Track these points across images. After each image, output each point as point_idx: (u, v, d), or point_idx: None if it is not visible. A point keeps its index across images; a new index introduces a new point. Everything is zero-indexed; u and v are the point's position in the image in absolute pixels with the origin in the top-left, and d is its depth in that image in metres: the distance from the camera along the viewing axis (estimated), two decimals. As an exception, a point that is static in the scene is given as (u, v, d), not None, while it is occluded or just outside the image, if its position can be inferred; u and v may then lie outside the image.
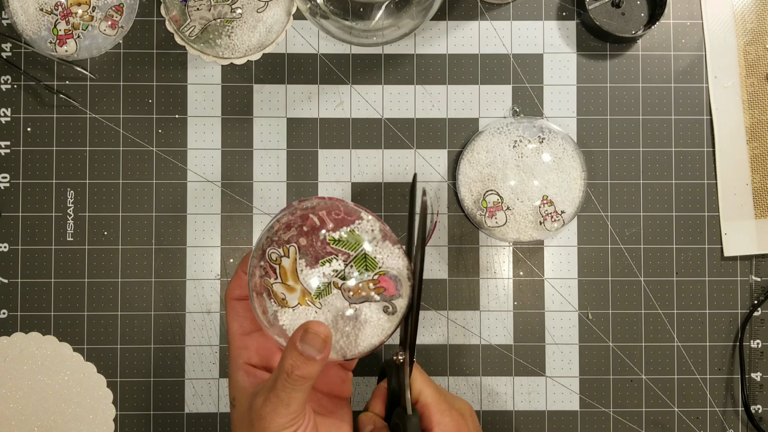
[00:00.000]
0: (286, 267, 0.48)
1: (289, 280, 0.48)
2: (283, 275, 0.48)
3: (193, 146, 0.64)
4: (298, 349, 0.44)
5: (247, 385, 0.48)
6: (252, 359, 0.50)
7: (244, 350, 0.50)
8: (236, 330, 0.50)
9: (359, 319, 0.48)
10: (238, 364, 0.49)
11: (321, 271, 0.47)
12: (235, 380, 0.49)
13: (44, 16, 0.61)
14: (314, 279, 0.47)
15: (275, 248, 0.48)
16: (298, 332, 0.45)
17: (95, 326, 0.63)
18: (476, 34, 0.64)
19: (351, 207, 0.49)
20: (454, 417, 0.50)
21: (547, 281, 0.64)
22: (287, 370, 0.44)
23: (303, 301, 0.48)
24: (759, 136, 0.64)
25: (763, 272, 0.64)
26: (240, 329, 0.50)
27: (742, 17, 0.64)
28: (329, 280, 0.48)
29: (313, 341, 0.45)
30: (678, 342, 0.63)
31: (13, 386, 0.62)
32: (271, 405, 0.45)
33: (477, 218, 0.62)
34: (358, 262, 0.48)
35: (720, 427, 0.63)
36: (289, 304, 0.48)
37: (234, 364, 0.50)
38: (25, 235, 0.63)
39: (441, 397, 0.50)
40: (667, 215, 0.64)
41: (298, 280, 0.48)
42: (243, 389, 0.48)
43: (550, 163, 0.62)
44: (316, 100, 0.64)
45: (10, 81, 0.64)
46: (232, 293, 0.51)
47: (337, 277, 0.48)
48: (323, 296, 0.48)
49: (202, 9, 0.60)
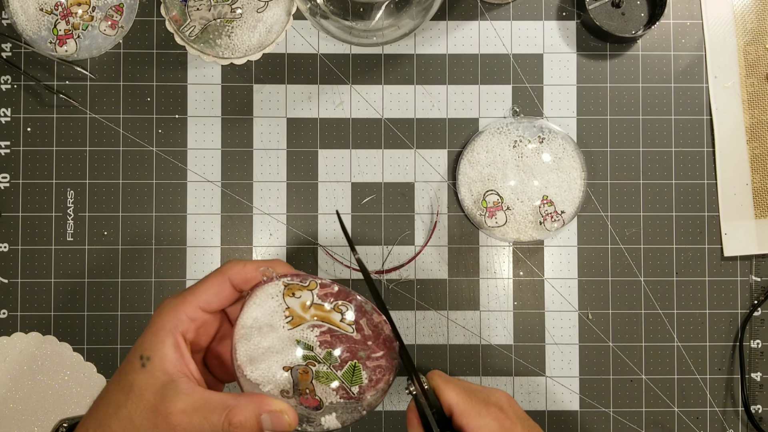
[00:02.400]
0: (301, 304, 0.47)
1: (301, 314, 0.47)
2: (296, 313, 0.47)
3: (193, 146, 0.64)
4: (259, 417, 0.42)
5: (171, 357, 0.44)
6: (189, 334, 0.45)
7: (189, 321, 0.45)
8: (201, 301, 0.46)
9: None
10: (174, 329, 0.44)
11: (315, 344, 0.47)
12: (161, 341, 0.44)
13: (44, 16, 0.61)
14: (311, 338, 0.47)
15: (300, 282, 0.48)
16: (270, 404, 0.43)
17: (95, 326, 0.63)
18: (476, 34, 0.64)
19: None
20: (493, 413, 0.47)
21: (547, 281, 0.64)
22: (232, 422, 0.42)
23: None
24: (759, 136, 0.64)
25: (763, 272, 0.64)
26: (205, 304, 0.46)
27: (742, 17, 0.64)
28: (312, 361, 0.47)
29: (280, 425, 0.43)
30: (678, 342, 0.63)
31: (13, 386, 0.62)
32: (189, 424, 0.42)
33: (477, 218, 0.62)
34: (347, 374, 0.48)
35: (720, 427, 0.63)
36: None
37: (168, 323, 0.45)
38: (25, 235, 0.63)
39: (473, 398, 0.47)
40: (667, 215, 0.64)
41: None
42: (165, 357, 0.44)
43: (550, 163, 0.62)
44: (316, 100, 0.64)
45: (10, 81, 0.64)
46: (234, 275, 0.46)
47: (322, 364, 0.47)
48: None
49: (202, 9, 0.60)
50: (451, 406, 0.47)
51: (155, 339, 0.44)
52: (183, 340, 0.45)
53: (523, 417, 0.49)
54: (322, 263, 0.63)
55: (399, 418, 0.62)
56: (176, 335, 0.44)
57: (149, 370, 0.43)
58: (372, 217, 0.63)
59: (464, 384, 0.48)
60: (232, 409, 0.42)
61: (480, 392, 0.48)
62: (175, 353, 0.44)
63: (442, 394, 0.47)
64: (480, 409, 0.47)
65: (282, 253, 0.63)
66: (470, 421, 0.46)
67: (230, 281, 0.46)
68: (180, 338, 0.45)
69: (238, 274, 0.46)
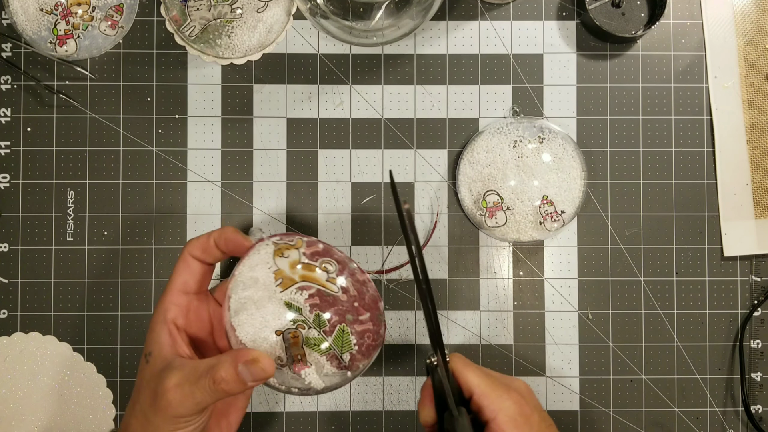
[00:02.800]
0: (292, 260, 0.49)
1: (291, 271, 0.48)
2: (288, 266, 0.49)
3: (193, 146, 0.64)
4: (237, 369, 0.44)
5: (167, 344, 0.47)
6: (179, 319, 0.48)
7: (175, 306, 0.48)
8: (178, 284, 0.49)
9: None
10: (165, 318, 0.48)
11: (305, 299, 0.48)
12: (157, 334, 0.47)
13: (44, 16, 0.61)
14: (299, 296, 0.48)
15: (286, 240, 0.49)
16: (246, 354, 0.45)
17: (95, 326, 0.63)
18: (476, 34, 0.64)
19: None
20: (514, 398, 0.47)
21: (547, 281, 0.64)
22: (215, 379, 0.44)
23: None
24: (759, 136, 0.64)
25: (763, 272, 0.64)
26: (182, 285, 0.49)
27: (742, 17, 0.64)
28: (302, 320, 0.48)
29: (255, 373, 0.44)
30: (678, 342, 0.63)
31: (13, 386, 0.62)
32: (182, 395, 0.44)
33: (477, 218, 0.62)
34: (337, 339, 0.48)
35: (720, 427, 0.63)
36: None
37: (159, 316, 0.48)
38: (25, 235, 0.63)
39: (495, 382, 0.48)
40: (667, 215, 0.64)
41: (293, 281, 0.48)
42: (161, 346, 0.47)
43: (550, 163, 0.62)
44: (316, 100, 0.64)
45: (10, 81, 0.64)
46: (193, 250, 0.49)
47: (312, 326, 0.48)
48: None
49: (202, 9, 0.60)
50: (471, 387, 0.47)
51: (152, 335, 0.48)
52: (174, 326, 0.48)
53: (539, 407, 0.49)
54: (322, 263, 0.63)
55: (399, 418, 0.62)
56: (167, 324, 0.48)
57: (151, 363, 0.47)
58: (372, 217, 0.63)
59: (485, 369, 0.49)
60: (214, 366, 0.44)
61: (501, 377, 0.49)
62: (169, 339, 0.47)
63: (463, 375, 0.48)
64: (501, 392, 0.47)
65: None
66: (491, 402, 0.47)
67: (193, 257, 0.49)
68: (171, 325, 0.48)
69: (195, 249, 0.49)
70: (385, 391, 0.63)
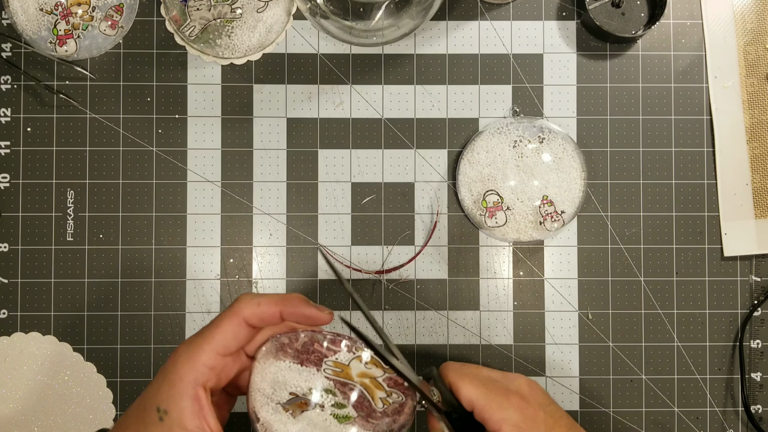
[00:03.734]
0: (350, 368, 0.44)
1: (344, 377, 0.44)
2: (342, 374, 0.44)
3: (193, 146, 0.64)
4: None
5: (190, 411, 0.42)
6: (210, 381, 0.43)
7: (210, 371, 0.43)
8: (219, 346, 0.43)
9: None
10: (194, 380, 0.42)
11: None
12: (179, 393, 0.42)
13: (44, 16, 0.61)
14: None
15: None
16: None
17: (95, 326, 0.63)
18: (476, 34, 0.64)
19: None
20: (515, 403, 0.45)
21: (547, 281, 0.64)
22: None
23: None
24: (759, 136, 0.64)
25: (763, 272, 0.64)
26: (223, 349, 0.43)
27: (742, 17, 0.64)
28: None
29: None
30: (678, 342, 0.63)
31: (13, 386, 0.62)
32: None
33: (477, 218, 0.62)
34: None
35: (720, 427, 0.63)
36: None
37: (188, 375, 0.42)
38: (25, 235, 0.63)
39: (492, 389, 0.45)
40: (667, 215, 0.64)
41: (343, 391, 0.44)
42: (183, 410, 0.41)
43: (550, 163, 0.62)
44: (316, 100, 0.64)
45: (10, 81, 0.64)
46: (249, 315, 0.44)
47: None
48: None
49: (202, 9, 0.60)
50: (471, 401, 0.45)
51: (173, 391, 0.42)
52: (203, 391, 0.42)
53: (545, 402, 0.47)
54: (322, 263, 0.63)
55: (399, 418, 0.62)
56: (196, 388, 0.42)
57: (167, 424, 0.41)
58: (372, 217, 0.63)
59: (481, 373, 0.46)
60: None
61: (499, 380, 0.46)
62: (194, 406, 0.42)
63: (459, 390, 0.45)
64: (501, 401, 0.45)
65: (282, 253, 0.63)
66: (492, 415, 0.44)
67: (246, 322, 0.44)
68: (200, 391, 0.42)
69: (253, 315, 0.44)
70: (385, 391, 0.63)
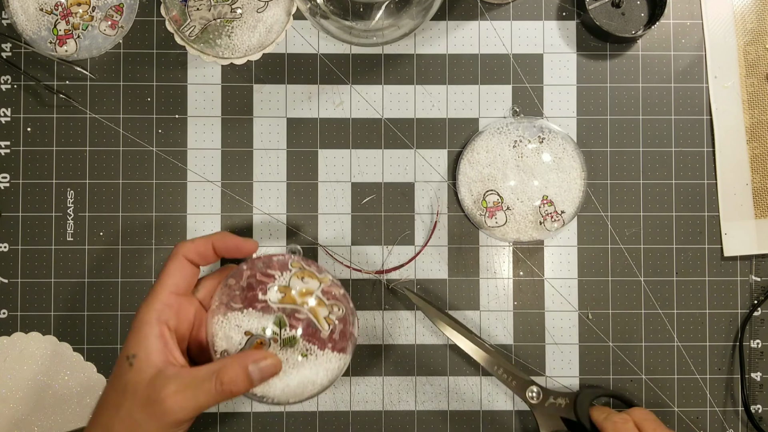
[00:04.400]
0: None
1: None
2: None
3: (193, 146, 0.64)
4: (245, 370, 0.45)
5: (156, 349, 0.46)
6: (171, 321, 0.47)
7: (167, 308, 0.47)
8: (170, 285, 0.48)
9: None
10: (156, 320, 0.47)
11: None
12: (144, 336, 0.46)
13: (44, 16, 0.61)
14: None
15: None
16: (254, 355, 0.45)
17: (95, 326, 0.63)
18: (476, 34, 0.64)
19: None
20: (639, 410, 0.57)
21: (547, 281, 0.64)
22: (223, 381, 0.44)
23: None
24: (759, 136, 0.64)
25: (763, 272, 0.64)
26: (174, 287, 0.48)
27: (742, 17, 0.64)
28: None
29: (266, 371, 0.46)
30: (678, 342, 0.63)
31: (13, 386, 0.62)
32: (184, 400, 0.44)
33: (477, 218, 0.62)
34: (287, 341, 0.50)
35: (720, 427, 0.63)
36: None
37: (148, 316, 0.47)
38: (25, 235, 0.63)
39: None
40: (667, 215, 0.64)
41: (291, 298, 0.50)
42: (150, 350, 0.46)
43: (550, 163, 0.62)
44: (316, 100, 0.64)
45: (10, 81, 0.64)
46: (188, 252, 0.49)
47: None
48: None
49: (202, 9, 0.60)
50: None
51: (138, 336, 0.46)
52: (166, 328, 0.47)
53: None
54: (322, 263, 0.63)
55: (399, 418, 0.62)
56: (159, 326, 0.47)
57: (137, 367, 0.45)
58: (372, 217, 0.63)
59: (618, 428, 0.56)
60: (220, 370, 0.45)
61: None
62: (159, 343, 0.46)
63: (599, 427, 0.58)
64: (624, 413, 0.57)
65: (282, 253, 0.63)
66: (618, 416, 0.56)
67: (187, 259, 0.50)
68: (163, 328, 0.47)
69: (190, 251, 0.50)
70: (385, 391, 0.63)
